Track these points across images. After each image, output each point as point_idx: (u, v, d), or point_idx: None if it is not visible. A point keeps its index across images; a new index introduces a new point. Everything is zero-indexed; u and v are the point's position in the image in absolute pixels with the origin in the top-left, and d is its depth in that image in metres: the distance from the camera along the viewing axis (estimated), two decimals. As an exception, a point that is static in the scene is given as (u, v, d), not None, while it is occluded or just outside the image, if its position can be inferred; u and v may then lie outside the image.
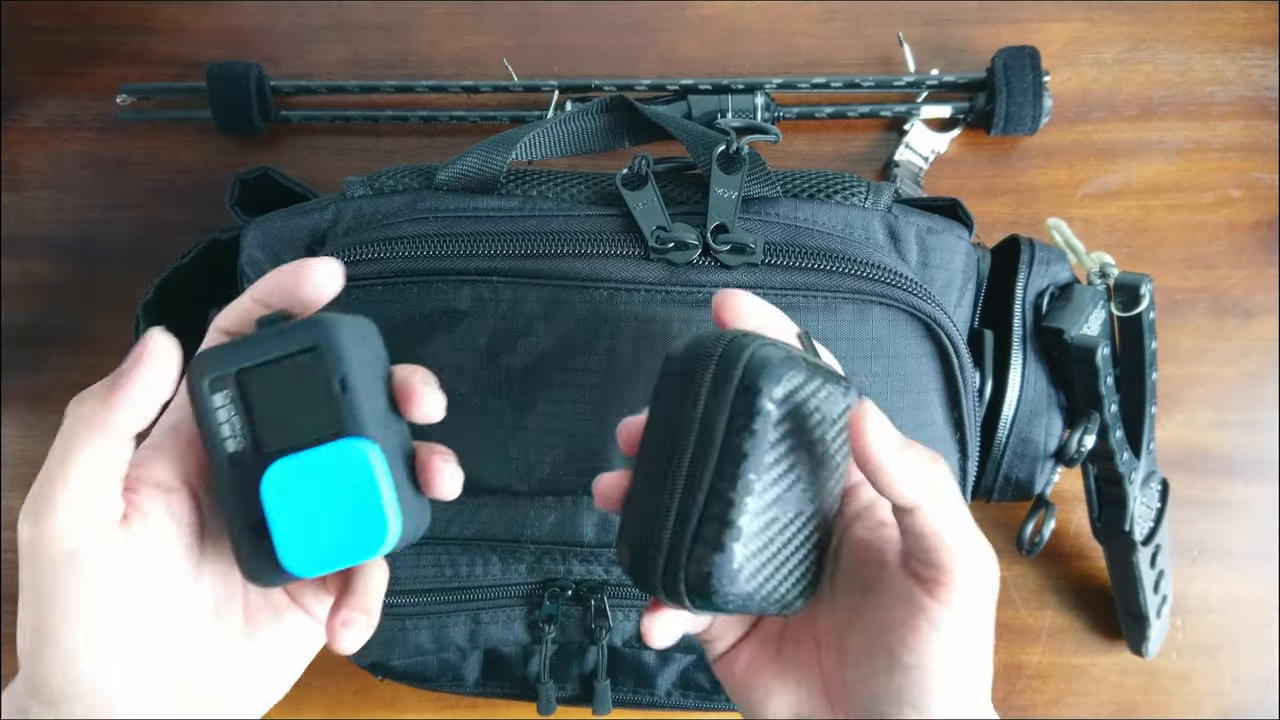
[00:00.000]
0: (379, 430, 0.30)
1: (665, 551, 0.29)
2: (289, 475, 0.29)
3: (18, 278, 0.60)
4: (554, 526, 0.46)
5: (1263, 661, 0.56)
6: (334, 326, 0.30)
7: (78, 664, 0.29)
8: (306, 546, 0.29)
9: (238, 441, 0.30)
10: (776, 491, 0.30)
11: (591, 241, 0.43)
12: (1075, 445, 0.47)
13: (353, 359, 0.30)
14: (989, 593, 0.30)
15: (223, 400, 0.30)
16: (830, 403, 0.31)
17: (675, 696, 0.51)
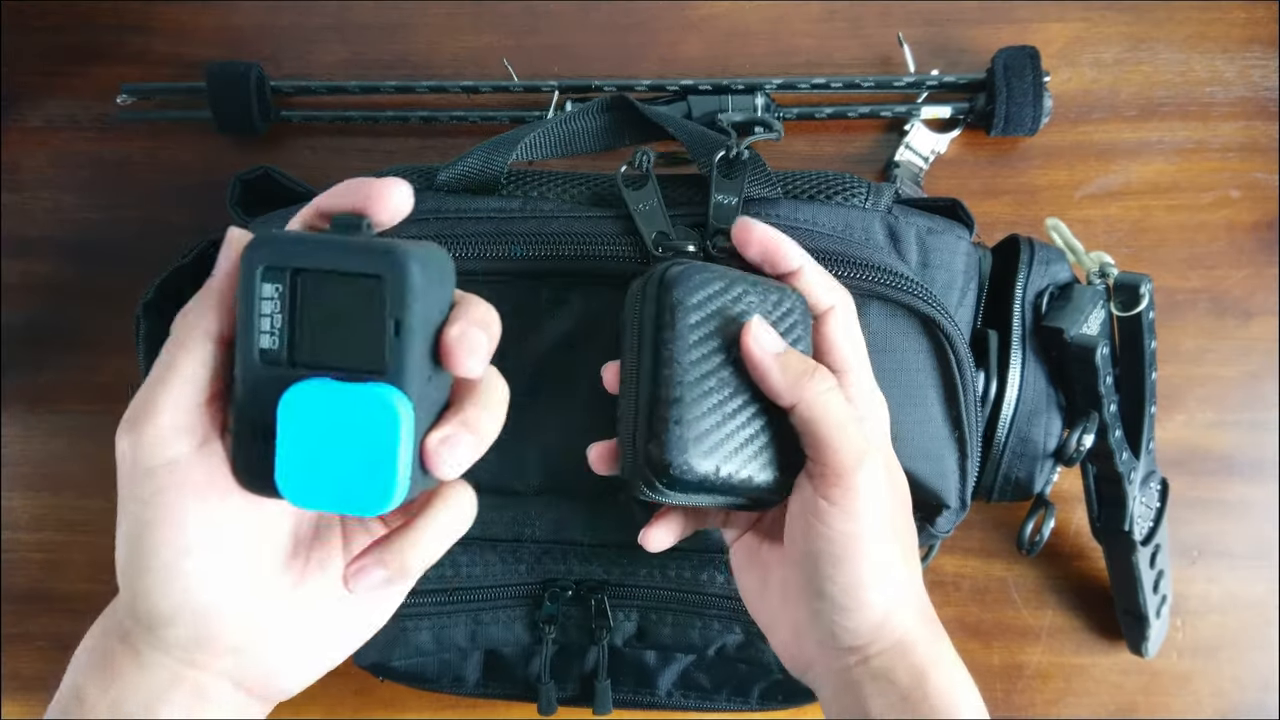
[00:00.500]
0: (420, 384, 0.28)
1: (631, 450, 0.34)
2: (313, 398, 0.27)
3: (18, 278, 0.60)
4: (554, 526, 0.46)
5: (1263, 662, 0.56)
6: (407, 261, 0.27)
7: (176, 581, 0.29)
8: (306, 476, 0.27)
9: (272, 339, 0.28)
10: (711, 381, 0.34)
11: (592, 242, 0.43)
12: (1074, 445, 0.47)
13: (415, 302, 0.27)
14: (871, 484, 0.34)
15: (272, 292, 0.28)
16: (764, 304, 0.36)
17: (676, 696, 0.51)
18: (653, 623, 0.48)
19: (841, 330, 0.37)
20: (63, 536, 0.59)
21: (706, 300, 0.35)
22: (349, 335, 0.27)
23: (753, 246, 0.37)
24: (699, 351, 0.34)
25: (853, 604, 0.35)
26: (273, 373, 0.28)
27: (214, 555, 0.29)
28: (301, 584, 0.32)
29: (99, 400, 0.59)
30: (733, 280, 0.35)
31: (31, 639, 0.59)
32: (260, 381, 0.28)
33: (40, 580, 0.59)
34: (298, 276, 0.28)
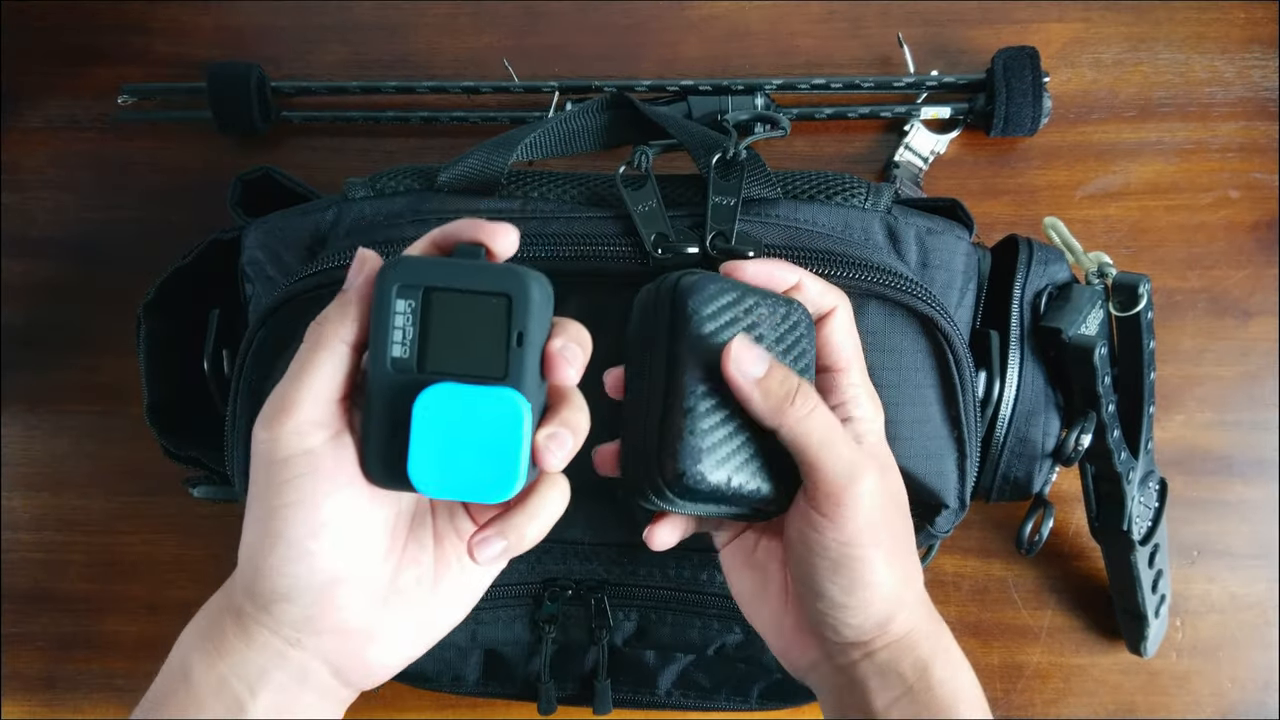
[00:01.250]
0: (535, 389, 0.32)
1: (643, 457, 0.34)
2: (447, 399, 0.31)
3: (18, 278, 0.60)
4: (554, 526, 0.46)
5: (1262, 662, 0.56)
6: (531, 283, 0.31)
7: (301, 561, 0.32)
8: (436, 468, 0.31)
9: (403, 349, 0.32)
10: (723, 392, 0.34)
11: (592, 243, 0.43)
12: (1073, 444, 0.47)
13: (535, 319, 0.31)
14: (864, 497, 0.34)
15: (404, 307, 0.32)
16: (773, 317, 0.36)
17: (675, 696, 0.51)
18: (652, 622, 0.48)
19: (841, 331, 0.38)
20: (63, 536, 0.59)
21: (720, 311, 0.35)
22: (475, 346, 0.32)
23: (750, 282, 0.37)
24: (712, 362, 0.34)
25: (855, 603, 0.35)
26: (402, 379, 0.32)
27: (337, 538, 0.32)
28: (398, 575, 0.35)
29: (99, 400, 0.59)
30: (744, 292, 0.36)
31: (31, 639, 0.59)
32: (391, 386, 0.32)
33: (40, 580, 0.59)
34: (429, 294, 0.32)
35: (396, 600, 0.35)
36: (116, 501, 0.59)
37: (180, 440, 0.50)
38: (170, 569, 0.58)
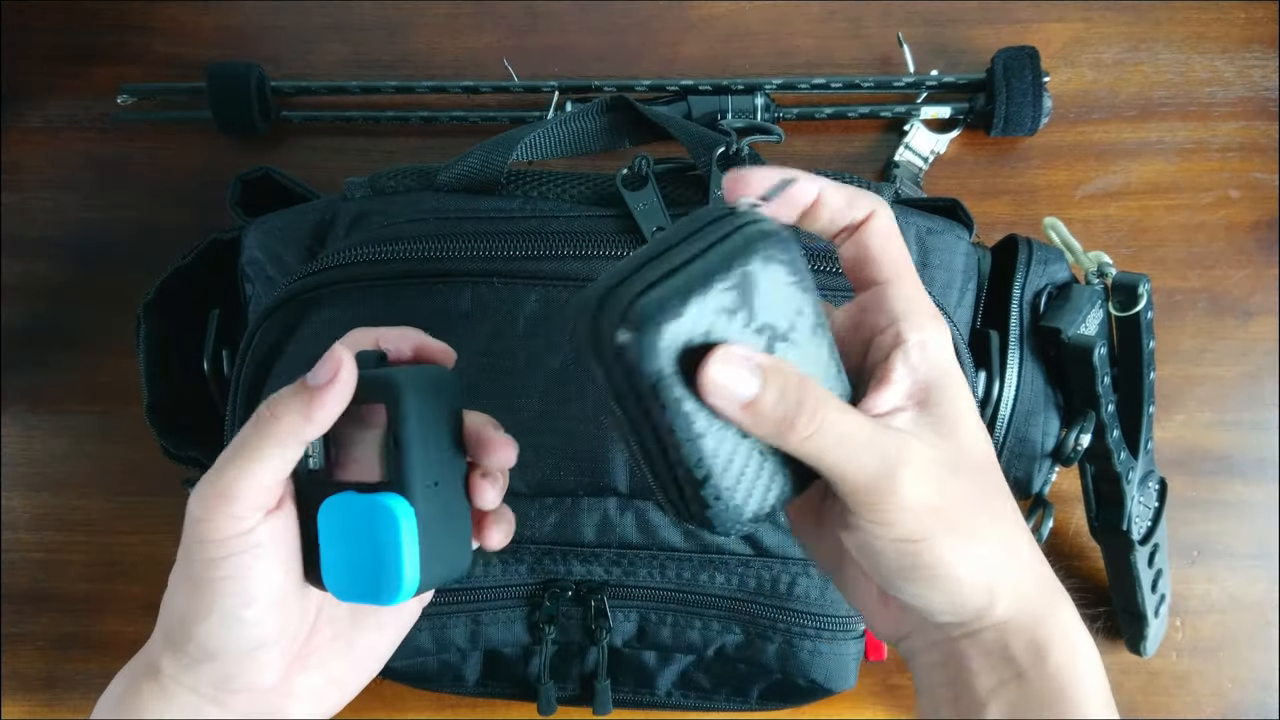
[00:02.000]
0: (422, 487, 0.33)
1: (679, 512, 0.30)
2: (338, 511, 0.33)
3: (18, 278, 0.60)
4: (554, 527, 0.46)
5: (1263, 662, 0.56)
6: (401, 387, 0.32)
7: (234, 627, 0.32)
8: (341, 575, 0.33)
9: (317, 461, 0.34)
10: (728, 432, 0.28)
11: (592, 242, 0.43)
12: (1072, 444, 0.47)
13: (411, 419, 0.32)
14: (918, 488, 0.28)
15: None
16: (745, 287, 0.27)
17: (675, 697, 0.51)
18: (652, 623, 0.48)
19: (881, 236, 0.31)
20: (63, 536, 0.59)
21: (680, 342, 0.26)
22: (368, 452, 0.33)
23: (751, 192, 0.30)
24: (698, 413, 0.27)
25: (940, 600, 0.30)
26: (317, 490, 0.33)
27: (268, 606, 0.33)
28: (315, 633, 0.35)
29: (99, 400, 0.59)
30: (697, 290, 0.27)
31: (31, 639, 0.59)
32: (309, 498, 0.34)
33: (40, 580, 0.59)
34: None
35: (314, 658, 0.35)
36: (116, 501, 0.58)
37: (180, 440, 0.50)
38: (170, 569, 0.58)
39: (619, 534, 0.46)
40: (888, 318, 0.30)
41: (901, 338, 0.30)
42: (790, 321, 0.29)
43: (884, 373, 0.30)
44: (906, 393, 0.30)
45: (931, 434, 0.29)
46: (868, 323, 0.31)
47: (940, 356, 0.30)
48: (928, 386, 0.30)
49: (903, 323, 0.30)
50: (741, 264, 0.27)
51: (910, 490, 0.28)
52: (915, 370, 0.30)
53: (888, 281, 0.31)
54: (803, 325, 0.29)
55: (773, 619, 0.47)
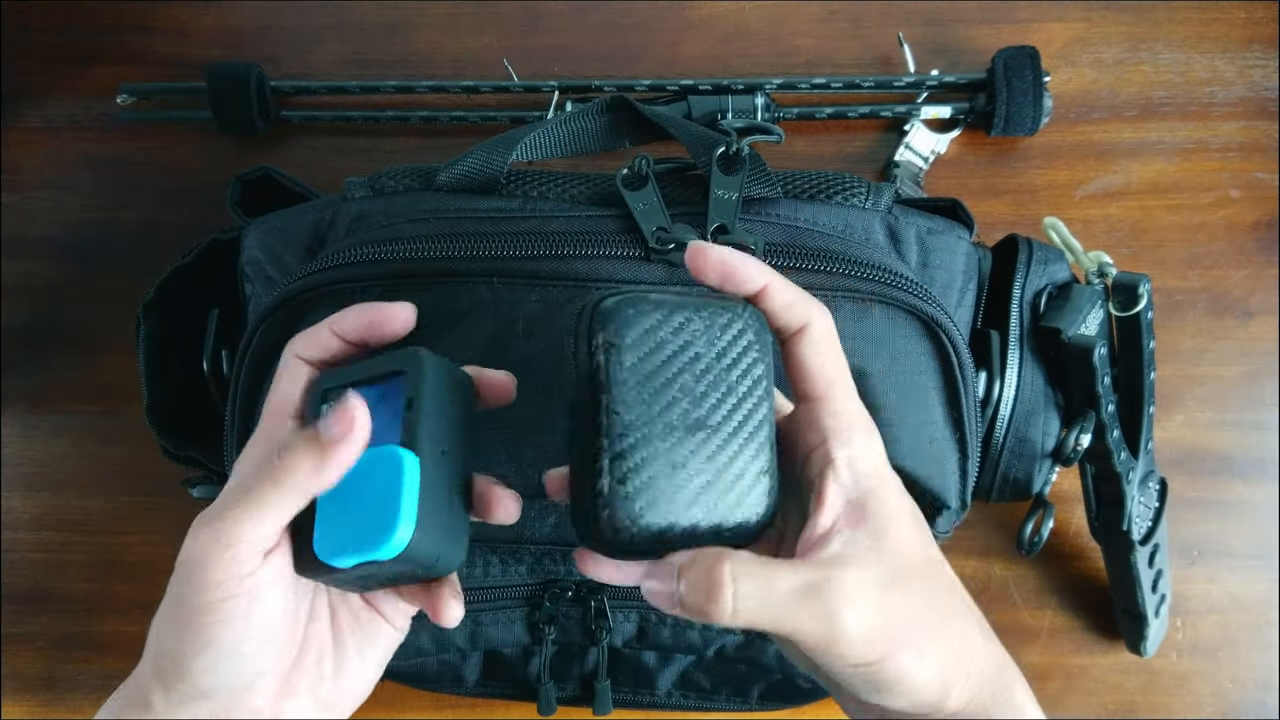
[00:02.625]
0: (431, 452, 0.32)
1: (582, 509, 0.31)
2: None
3: (18, 278, 0.60)
4: (554, 527, 0.46)
5: (1263, 662, 0.56)
6: (422, 356, 0.33)
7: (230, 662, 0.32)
8: (333, 537, 0.32)
9: None
10: (658, 425, 0.31)
11: (592, 242, 0.43)
12: (1072, 444, 0.47)
13: (426, 386, 0.32)
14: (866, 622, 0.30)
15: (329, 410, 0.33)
16: (709, 332, 0.32)
17: (675, 697, 0.51)
18: (652, 623, 0.48)
19: (814, 351, 0.33)
20: (63, 536, 0.59)
21: (644, 335, 0.31)
22: (382, 424, 0.32)
23: (709, 273, 0.32)
24: (634, 400, 0.30)
25: (896, 702, 0.31)
26: None
27: (265, 639, 0.33)
28: (304, 657, 0.35)
29: (99, 400, 0.59)
30: (672, 308, 0.32)
31: (31, 639, 0.59)
32: None
33: (40, 580, 0.59)
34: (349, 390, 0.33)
35: (302, 682, 0.35)
36: (116, 501, 0.58)
37: (180, 440, 0.50)
38: (170, 569, 0.58)
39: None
40: (818, 436, 0.32)
41: (830, 457, 0.32)
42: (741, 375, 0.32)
43: (819, 495, 0.32)
44: (840, 512, 0.31)
45: (868, 551, 0.31)
46: (803, 437, 0.33)
47: (869, 469, 0.32)
48: (859, 502, 0.31)
49: (831, 441, 0.32)
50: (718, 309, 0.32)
51: (854, 626, 0.29)
52: (846, 489, 0.32)
53: (819, 399, 0.32)
54: (751, 387, 0.32)
55: (773, 619, 0.47)
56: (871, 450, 0.32)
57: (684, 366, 0.31)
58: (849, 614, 0.29)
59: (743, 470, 0.32)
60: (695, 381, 0.31)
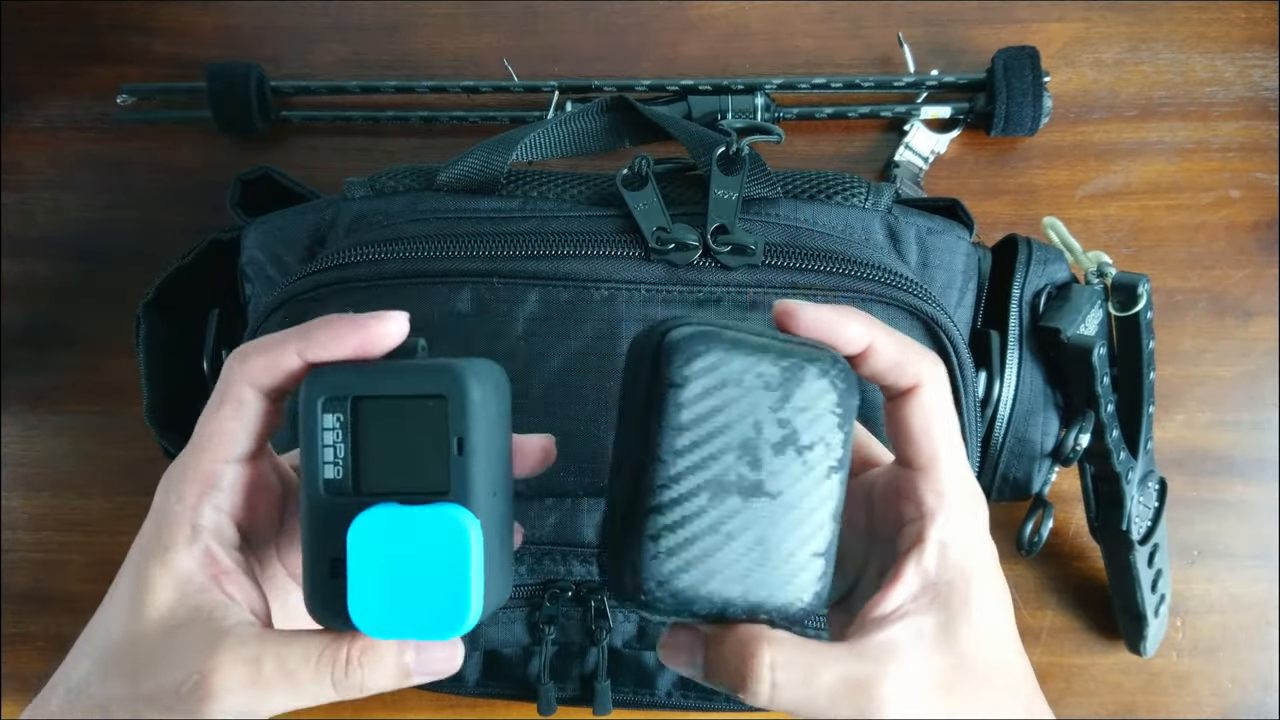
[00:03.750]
0: (486, 499, 0.28)
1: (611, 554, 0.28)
2: (381, 525, 0.27)
3: (18, 278, 0.60)
4: (554, 527, 0.46)
5: (1263, 662, 0.56)
6: (467, 378, 0.28)
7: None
8: (379, 606, 0.27)
9: (336, 470, 0.28)
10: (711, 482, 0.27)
11: (592, 242, 0.43)
12: (1071, 444, 0.47)
13: (478, 419, 0.28)
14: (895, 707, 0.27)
15: (333, 422, 0.28)
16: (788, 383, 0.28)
17: (676, 697, 0.51)
18: (653, 623, 0.48)
19: (922, 415, 0.29)
20: (62, 537, 0.59)
21: (712, 379, 0.27)
22: (412, 458, 0.28)
23: (804, 334, 0.29)
24: (691, 448, 0.27)
25: None
26: (339, 503, 0.28)
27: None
28: None
29: (99, 400, 0.59)
30: (750, 351, 0.28)
31: (31, 639, 0.59)
32: (326, 514, 0.28)
33: (40, 580, 0.59)
34: (358, 403, 0.28)
35: None
36: (116, 501, 0.58)
37: (180, 440, 0.50)
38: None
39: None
40: (915, 510, 0.29)
41: (921, 537, 0.29)
42: (814, 441, 0.28)
43: (895, 572, 0.29)
44: (912, 595, 0.29)
45: (932, 644, 0.28)
46: (899, 505, 0.30)
47: (961, 555, 0.29)
48: (939, 590, 0.29)
49: (927, 521, 0.29)
50: (802, 360, 0.28)
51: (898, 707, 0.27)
52: (926, 574, 0.29)
53: (922, 469, 0.29)
54: (822, 455, 0.28)
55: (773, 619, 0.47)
56: (970, 532, 0.30)
57: (751, 422, 0.28)
58: (889, 697, 0.27)
59: (795, 549, 0.28)
60: (760, 440, 0.28)
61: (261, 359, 0.30)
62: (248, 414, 0.30)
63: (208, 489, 0.30)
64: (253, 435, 0.30)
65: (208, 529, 0.30)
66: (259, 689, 0.27)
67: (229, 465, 0.30)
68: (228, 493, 0.30)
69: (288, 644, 0.28)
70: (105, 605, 0.30)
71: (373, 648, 0.28)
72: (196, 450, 0.30)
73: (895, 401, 0.30)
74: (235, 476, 0.30)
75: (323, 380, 0.28)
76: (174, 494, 0.30)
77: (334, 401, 0.28)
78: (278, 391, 0.30)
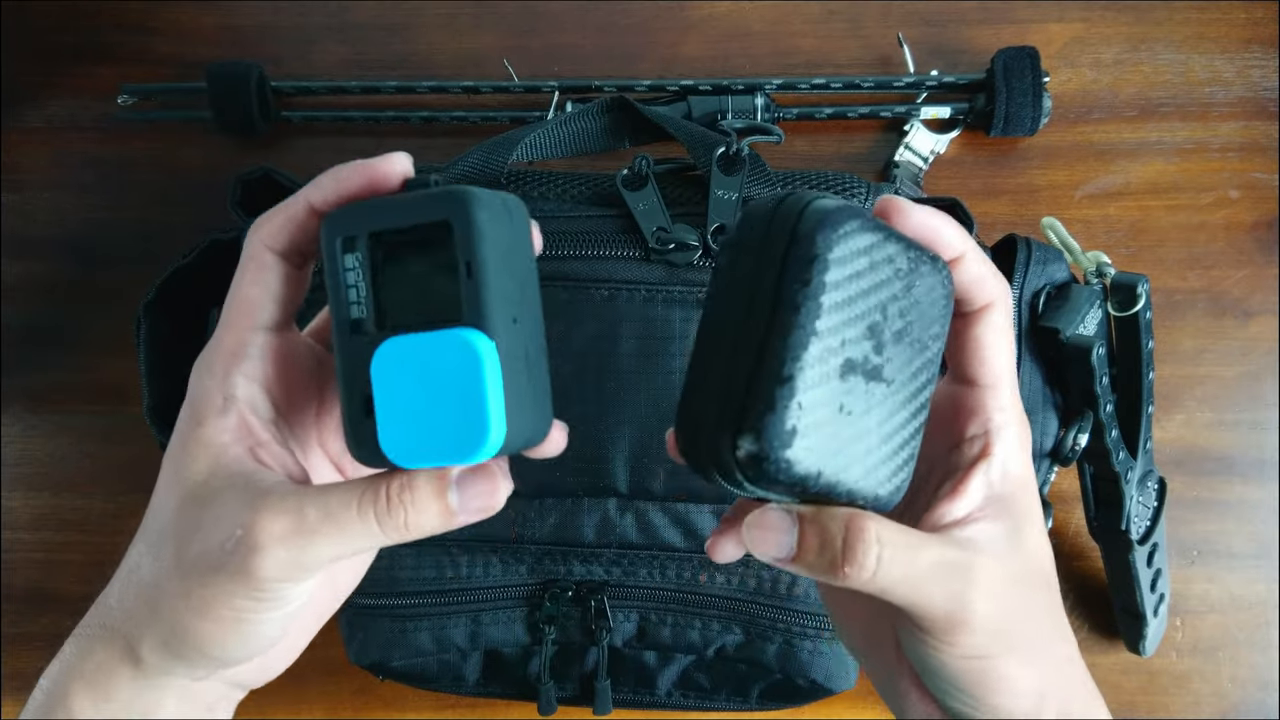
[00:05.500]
0: (502, 322, 0.28)
1: (715, 419, 0.27)
2: (398, 357, 0.27)
3: (18, 278, 0.60)
4: (554, 527, 0.46)
5: (1263, 662, 0.56)
6: (471, 202, 0.27)
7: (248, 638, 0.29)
8: (407, 436, 0.27)
9: (360, 309, 0.28)
10: (836, 361, 0.27)
11: (592, 242, 0.43)
12: (1070, 444, 0.47)
13: (485, 241, 0.27)
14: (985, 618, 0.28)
15: (353, 262, 0.28)
16: (909, 281, 0.28)
17: (675, 697, 0.51)
18: (652, 623, 0.49)
19: (993, 334, 0.30)
20: (62, 537, 0.59)
21: (853, 256, 0.27)
22: (428, 287, 0.28)
23: (907, 233, 0.29)
24: (830, 321, 0.27)
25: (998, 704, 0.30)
26: (366, 341, 0.28)
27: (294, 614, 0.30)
28: None
29: (99, 400, 0.59)
30: (885, 236, 0.28)
31: (31, 639, 0.59)
32: (355, 353, 0.28)
33: (40, 580, 0.59)
34: (374, 240, 0.28)
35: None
36: (116, 501, 0.59)
37: (180, 440, 0.50)
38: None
39: (619, 534, 0.47)
40: (980, 425, 0.31)
41: (989, 452, 0.30)
42: (924, 336, 0.29)
43: (961, 482, 0.30)
44: (979, 505, 0.30)
45: (1001, 547, 0.29)
46: (961, 421, 0.31)
47: (1020, 470, 0.31)
48: (1003, 500, 0.30)
49: (994, 436, 0.30)
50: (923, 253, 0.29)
51: (981, 615, 0.28)
52: (993, 486, 0.30)
53: (988, 387, 0.31)
54: (927, 351, 0.29)
55: (773, 619, 0.47)
56: (1025, 450, 0.31)
57: (882, 305, 0.28)
58: (982, 600, 0.28)
59: (898, 440, 0.29)
60: (885, 325, 0.28)
61: (275, 218, 0.30)
62: (269, 278, 0.30)
63: (236, 359, 0.30)
64: (278, 301, 0.30)
65: (241, 399, 0.30)
66: (304, 536, 0.27)
67: (256, 333, 0.30)
68: (258, 361, 0.30)
69: (328, 492, 0.28)
70: (154, 492, 0.31)
71: (411, 485, 0.28)
72: (223, 326, 0.30)
73: (967, 318, 0.31)
74: (264, 344, 0.30)
75: (337, 221, 0.29)
76: (204, 369, 0.30)
77: (350, 241, 0.28)
78: (297, 252, 0.30)
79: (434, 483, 0.28)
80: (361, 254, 0.28)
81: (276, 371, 0.30)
